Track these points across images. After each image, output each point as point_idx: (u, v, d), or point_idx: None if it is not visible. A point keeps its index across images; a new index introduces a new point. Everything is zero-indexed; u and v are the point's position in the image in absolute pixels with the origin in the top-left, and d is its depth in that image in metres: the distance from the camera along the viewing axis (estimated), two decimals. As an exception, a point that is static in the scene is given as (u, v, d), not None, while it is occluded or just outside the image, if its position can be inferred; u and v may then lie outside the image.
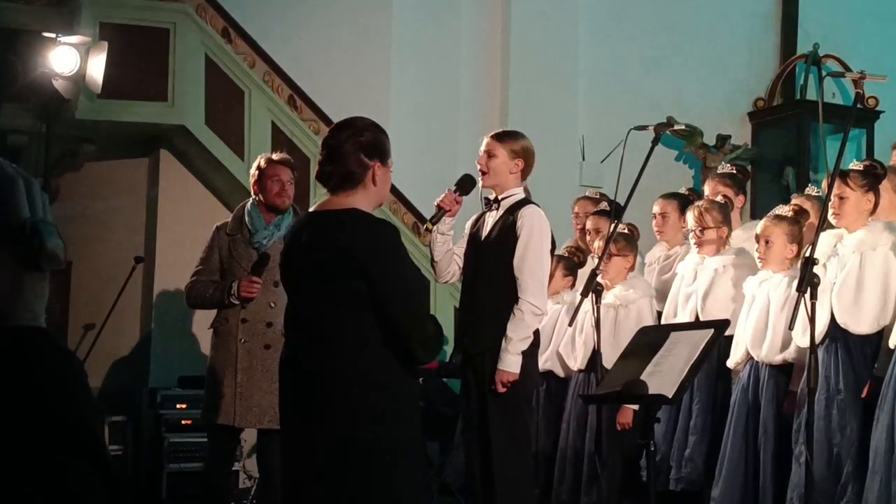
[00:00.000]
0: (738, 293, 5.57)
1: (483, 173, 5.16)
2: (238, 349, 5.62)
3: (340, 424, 3.64)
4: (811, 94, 10.20)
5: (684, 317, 5.72)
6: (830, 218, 5.13)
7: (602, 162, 9.56)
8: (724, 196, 6.08)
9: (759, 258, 5.44)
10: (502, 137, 5.18)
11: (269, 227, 5.72)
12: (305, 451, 3.71)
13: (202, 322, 6.47)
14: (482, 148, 5.18)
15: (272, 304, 5.62)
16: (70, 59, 7.54)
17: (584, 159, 9.88)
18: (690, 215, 5.85)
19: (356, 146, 3.75)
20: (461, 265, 5.28)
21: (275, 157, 5.84)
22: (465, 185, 5.20)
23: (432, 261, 5.32)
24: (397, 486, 3.67)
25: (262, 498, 5.77)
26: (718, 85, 10.35)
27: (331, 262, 3.68)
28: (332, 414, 3.66)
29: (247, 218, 5.76)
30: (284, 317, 3.93)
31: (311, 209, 3.93)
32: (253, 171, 5.81)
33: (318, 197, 3.95)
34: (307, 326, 3.75)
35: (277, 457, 5.68)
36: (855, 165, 5.21)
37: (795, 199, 5.82)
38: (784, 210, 5.51)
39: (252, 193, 5.83)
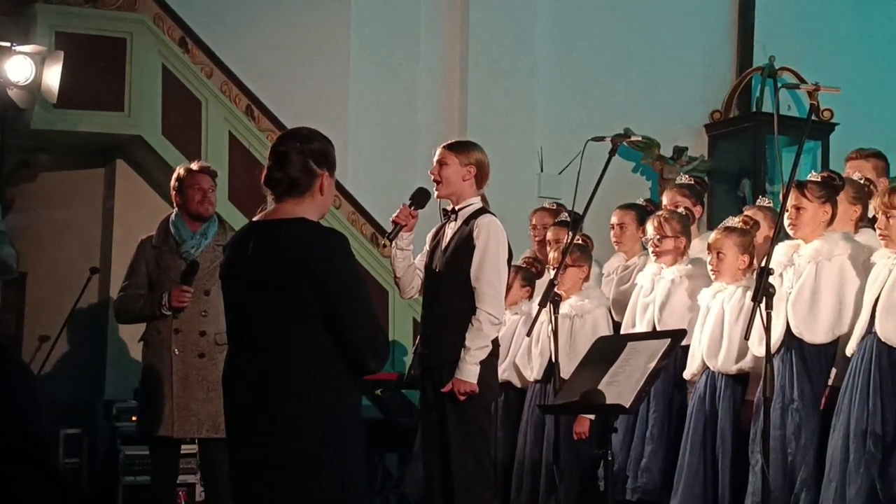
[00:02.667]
0: (695, 303, 5.60)
1: (436, 183, 5.17)
2: (173, 360, 5.61)
3: (287, 430, 3.63)
4: (767, 107, 10.27)
5: (642, 327, 5.75)
6: (787, 228, 5.16)
7: (560, 173, 9.59)
8: (686, 208, 6.12)
9: (711, 270, 5.48)
10: (454, 147, 5.21)
11: (196, 235, 5.74)
12: (252, 459, 3.69)
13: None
14: (435, 158, 5.19)
15: (204, 313, 5.63)
16: (25, 68, 7.47)
17: (542, 170, 9.90)
18: (650, 224, 5.88)
19: (305, 154, 3.75)
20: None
21: (194, 166, 5.85)
22: (420, 198, 5.21)
23: (395, 277, 5.32)
24: (345, 487, 3.68)
25: None
26: (675, 97, 10.40)
27: (281, 272, 3.66)
28: (279, 421, 3.65)
29: (172, 229, 5.77)
30: (227, 326, 3.90)
31: (255, 218, 3.89)
32: (173, 182, 5.81)
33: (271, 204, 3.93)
34: (255, 337, 3.72)
35: (221, 466, 5.69)
36: (813, 177, 5.25)
37: (748, 211, 5.86)
38: (734, 221, 5.55)
39: (174, 204, 5.82)
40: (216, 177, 5.91)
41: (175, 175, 5.82)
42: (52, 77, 7.54)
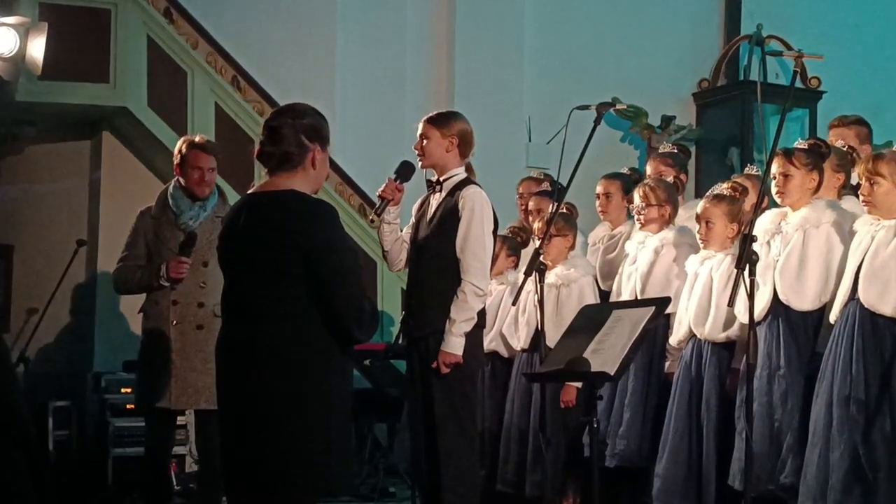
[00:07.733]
0: (680, 271, 5.61)
1: (420, 156, 5.17)
2: (171, 331, 5.59)
3: (273, 396, 3.70)
4: (755, 75, 10.26)
5: (626, 295, 5.76)
6: (775, 196, 5.17)
7: (548, 143, 9.58)
8: (675, 177, 6.12)
9: (700, 239, 5.48)
10: (434, 120, 5.19)
11: (195, 207, 5.70)
12: (243, 431, 3.75)
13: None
14: (418, 132, 5.18)
15: (202, 285, 5.60)
16: (9, 40, 7.42)
17: (530, 140, 9.90)
18: (637, 193, 5.88)
19: (297, 128, 3.82)
20: (410, 250, 5.29)
21: (197, 139, 5.79)
22: (405, 171, 5.21)
23: (383, 251, 5.32)
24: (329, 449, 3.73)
25: (202, 480, 5.76)
26: (663, 66, 10.39)
27: (270, 243, 3.73)
28: (270, 391, 3.71)
29: (171, 200, 5.73)
30: (221, 298, 3.96)
31: (249, 191, 3.97)
32: (175, 154, 5.77)
33: (263, 178, 3.97)
34: (245, 307, 3.80)
35: (216, 438, 5.68)
36: (800, 144, 5.26)
37: (737, 179, 5.85)
38: (723, 189, 5.54)
39: (175, 174, 5.79)
40: (218, 154, 5.84)
41: (178, 148, 5.76)
42: (37, 49, 7.50)
